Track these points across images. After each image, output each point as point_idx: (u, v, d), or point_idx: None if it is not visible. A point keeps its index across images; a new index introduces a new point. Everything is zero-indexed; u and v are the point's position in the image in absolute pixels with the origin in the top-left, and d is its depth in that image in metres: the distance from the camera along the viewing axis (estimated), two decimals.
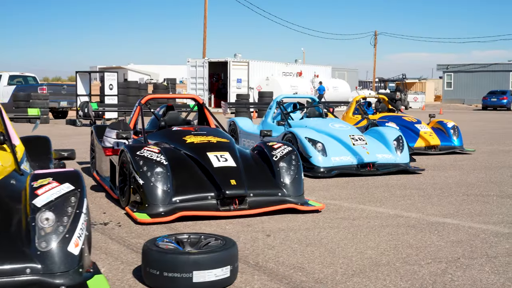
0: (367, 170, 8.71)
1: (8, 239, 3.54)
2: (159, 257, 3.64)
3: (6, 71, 23.82)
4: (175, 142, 6.63)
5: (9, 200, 3.93)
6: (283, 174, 6.22)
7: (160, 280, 3.62)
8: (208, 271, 3.59)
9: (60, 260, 3.48)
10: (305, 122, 9.99)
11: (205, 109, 8.08)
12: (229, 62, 29.29)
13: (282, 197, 6.07)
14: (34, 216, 3.59)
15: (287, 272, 4.05)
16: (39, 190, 3.74)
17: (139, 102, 7.87)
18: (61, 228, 3.58)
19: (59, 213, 3.63)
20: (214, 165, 6.01)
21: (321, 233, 5.17)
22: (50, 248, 3.49)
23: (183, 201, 5.70)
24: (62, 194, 3.72)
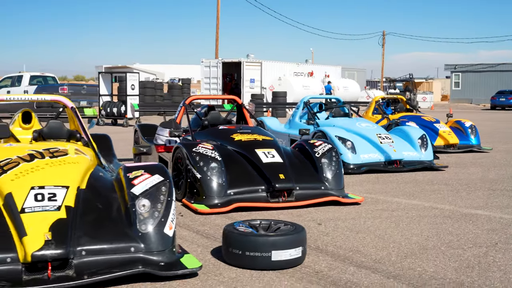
0: (394, 167, 9.22)
1: (112, 223, 4.09)
2: (241, 238, 4.17)
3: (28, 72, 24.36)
4: (223, 140, 7.16)
5: (104, 189, 4.48)
6: (325, 169, 6.74)
7: (242, 259, 4.15)
8: (284, 251, 4.13)
9: (157, 241, 4.02)
10: (333, 121, 10.52)
11: (243, 109, 8.62)
12: (242, 62, 29.82)
13: (325, 191, 6.59)
14: (133, 203, 4.14)
15: (346, 254, 4.58)
16: (135, 180, 4.29)
17: (184, 102, 8.41)
18: (156, 213, 4.12)
19: (153, 200, 4.17)
20: (263, 161, 6.54)
21: (366, 222, 5.70)
22: (149, 231, 4.03)
23: (236, 194, 6.23)
24: (155, 184, 4.27)
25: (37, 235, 3.67)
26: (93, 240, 3.88)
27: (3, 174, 4.25)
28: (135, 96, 19.58)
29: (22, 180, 4.15)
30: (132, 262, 3.89)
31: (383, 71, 56.87)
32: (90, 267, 3.77)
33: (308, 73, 34.16)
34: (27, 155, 4.54)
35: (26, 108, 5.98)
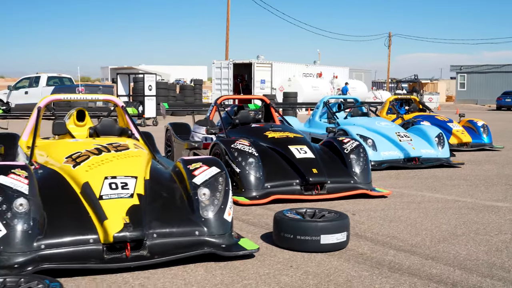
0: (412, 164, 9.65)
1: (177, 209, 4.54)
2: (292, 224, 4.62)
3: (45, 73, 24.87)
4: (256, 137, 7.61)
5: (165, 180, 4.93)
6: (354, 165, 7.18)
7: (293, 242, 4.59)
8: (332, 235, 4.57)
9: (218, 225, 4.48)
10: (353, 120, 10.96)
11: (271, 108, 9.07)
12: (253, 63, 30.27)
13: (354, 184, 7.04)
14: (195, 191, 4.59)
15: (384, 239, 5.03)
16: (195, 171, 4.74)
17: (215, 102, 8.86)
18: (216, 201, 4.57)
19: (213, 189, 4.62)
20: (296, 156, 6.99)
21: (396, 213, 6.14)
22: (210, 216, 4.48)
23: (273, 187, 6.68)
24: (213, 175, 4.72)
25: (117, 219, 4.12)
26: (163, 224, 4.34)
27: (77, 166, 4.71)
28: (152, 97, 20.08)
29: (95, 171, 4.61)
30: (197, 244, 4.34)
31: (389, 72, 57.28)
32: (161, 248, 4.22)
33: (317, 74, 34.60)
34: (95, 149, 5.00)
35: (80, 107, 6.43)
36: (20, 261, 3.89)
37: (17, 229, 3.97)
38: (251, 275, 4.02)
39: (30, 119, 6.25)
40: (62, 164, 4.84)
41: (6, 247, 3.92)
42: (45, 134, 6.78)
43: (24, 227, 3.99)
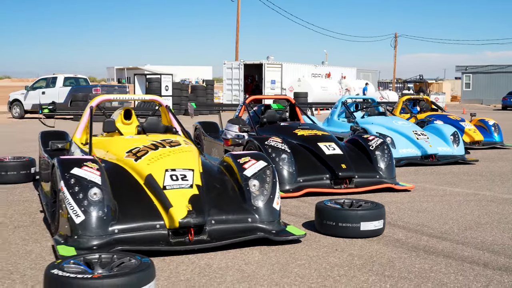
0: (429, 161, 10.11)
1: (230, 199, 5.01)
2: (335, 212, 5.09)
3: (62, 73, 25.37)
4: (286, 135, 8.08)
5: (215, 173, 5.40)
6: (379, 160, 7.64)
7: (335, 229, 5.06)
8: (371, 222, 5.04)
9: (268, 213, 4.95)
10: (371, 119, 11.41)
11: (296, 108, 9.54)
12: (264, 64, 30.75)
13: (380, 179, 7.50)
14: (246, 183, 5.06)
15: (416, 227, 5.49)
16: (245, 165, 5.21)
17: (244, 101, 9.34)
18: (265, 191, 5.04)
19: (262, 181, 5.10)
20: (326, 153, 7.46)
21: (422, 205, 6.60)
22: (260, 205, 4.95)
23: (305, 181, 7.14)
24: (261, 168, 5.19)
25: (181, 206, 4.59)
26: (219, 212, 4.81)
27: (139, 160, 5.19)
28: (168, 97, 20.58)
29: (156, 164, 5.08)
30: (250, 230, 4.82)
31: (395, 73, 57.67)
32: (219, 233, 4.69)
33: (325, 74, 35.06)
34: (151, 145, 5.48)
35: (127, 106, 6.91)
36: (97, 244, 4.36)
37: (94, 215, 4.45)
38: (302, 257, 4.49)
39: (82, 118, 6.73)
40: (124, 158, 5.32)
41: (85, 231, 4.40)
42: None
43: (99, 213, 4.47)
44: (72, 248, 4.31)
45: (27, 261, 4.29)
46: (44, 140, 7.20)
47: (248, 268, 4.19)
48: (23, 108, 25.31)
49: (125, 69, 41.66)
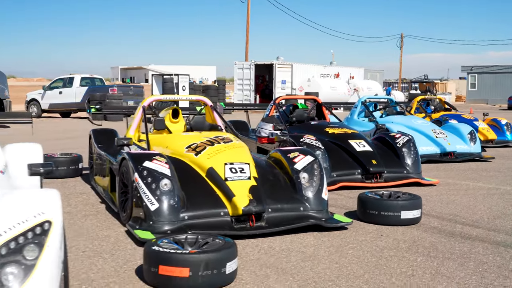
0: (448, 158, 10.61)
1: (283, 190, 5.53)
2: (377, 202, 5.60)
3: (78, 74, 25.92)
4: (317, 133, 8.59)
5: (265, 166, 5.92)
6: (405, 157, 8.15)
7: (377, 218, 5.57)
8: (410, 211, 5.55)
9: (317, 203, 5.46)
10: (391, 118, 11.92)
11: (323, 107, 10.06)
12: (274, 64, 31.29)
13: (407, 174, 8.00)
14: (297, 175, 5.58)
15: (448, 217, 6.00)
16: (295, 159, 5.73)
17: (274, 101, 9.86)
18: (314, 183, 5.56)
19: (310, 174, 5.61)
20: (356, 149, 7.97)
21: (449, 198, 7.11)
22: (310, 196, 5.47)
23: (339, 176, 7.65)
24: (310, 162, 5.71)
25: (242, 196, 5.11)
26: (275, 202, 5.32)
27: (199, 154, 5.71)
28: None
29: (215, 158, 5.60)
30: (302, 218, 5.33)
31: (401, 73, 58.15)
32: (275, 220, 5.21)
33: (334, 74, 35.58)
34: (207, 141, 5.99)
35: (175, 106, 7.43)
36: (170, 229, 4.88)
37: (166, 203, 4.97)
38: (352, 241, 5.00)
39: (135, 117, 7.24)
40: (184, 153, 5.84)
41: (159, 217, 4.92)
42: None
43: (170, 202, 4.98)
44: (149, 232, 4.82)
45: (109, 244, 4.81)
46: (96, 137, 7.72)
47: (308, 250, 4.70)
48: (40, 108, 25.89)
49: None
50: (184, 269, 3.63)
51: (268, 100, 31.12)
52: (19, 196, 3.21)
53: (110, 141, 7.61)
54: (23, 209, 3.02)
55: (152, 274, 3.74)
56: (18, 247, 2.85)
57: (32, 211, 3.01)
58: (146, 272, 3.81)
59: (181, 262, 3.64)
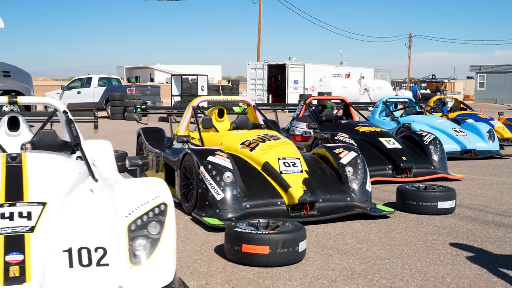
0: (468, 155, 11.15)
1: (331, 182, 6.10)
2: (416, 193, 6.16)
3: (96, 74, 26.54)
4: (349, 131, 9.15)
5: (311, 160, 6.48)
6: (432, 153, 8.70)
7: (416, 208, 6.13)
8: (445, 202, 6.11)
9: (362, 194, 6.03)
10: (412, 118, 12.46)
11: (350, 107, 10.62)
12: (287, 65, 31.84)
13: (433, 170, 8.55)
14: (343, 169, 6.15)
15: (479, 207, 6.55)
16: (340, 155, 6.30)
17: (304, 101, 10.44)
18: (358, 176, 6.12)
19: (355, 168, 6.18)
20: (387, 146, 8.53)
21: (477, 191, 7.66)
22: (355, 188, 6.04)
23: (371, 171, 8.16)
24: (353, 157, 6.28)
25: (297, 187, 5.68)
26: (325, 192, 5.89)
27: (254, 150, 6.28)
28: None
29: (269, 153, 6.17)
30: (349, 207, 5.90)
31: (409, 72, 58.64)
32: (325, 209, 5.78)
33: (345, 74, 36.09)
34: (258, 138, 6.56)
35: (220, 106, 8.02)
36: (234, 216, 5.45)
37: (230, 193, 5.54)
38: (397, 227, 5.57)
39: (185, 116, 7.82)
40: (239, 149, 6.42)
41: (224, 206, 5.49)
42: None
43: (234, 192, 5.56)
44: (216, 219, 5.40)
45: (180, 230, 5.38)
46: (146, 135, 8.29)
47: (359, 235, 5.28)
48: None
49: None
50: (265, 247, 4.21)
51: (281, 100, 31.70)
52: (137, 183, 3.81)
53: (160, 138, 8.20)
54: (142, 193, 3.61)
55: (235, 252, 4.32)
56: (143, 224, 3.43)
57: (150, 195, 3.60)
58: (229, 251, 4.38)
59: (262, 241, 4.21)
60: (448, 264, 4.41)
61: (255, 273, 4.14)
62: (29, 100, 5.87)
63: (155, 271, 3.32)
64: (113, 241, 3.35)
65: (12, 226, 3.23)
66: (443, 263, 4.44)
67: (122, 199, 3.57)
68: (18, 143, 5.20)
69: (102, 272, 3.22)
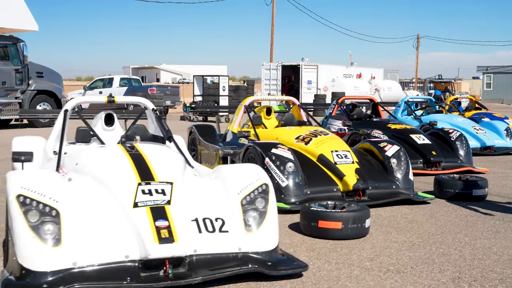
0: (487, 152, 11.93)
1: (377, 172, 6.89)
2: (453, 183, 6.95)
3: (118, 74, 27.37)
4: (381, 128, 9.95)
5: (357, 154, 7.27)
6: (459, 149, 9.49)
7: (453, 195, 6.91)
8: (480, 190, 6.89)
9: (406, 182, 6.81)
10: (433, 116, 13.24)
11: (378, 106, 11.42)
12: (301, 65, 32.65)
13: (460, 164, 9.34)
14: (388, 161, 6.94)
15: (508, 195, 7.33)
16: (385, 148, 7.09)
17: (337, 101, 11.24)
18: (402, 167, 6.91)
19: (398, 159, 6.96)
20: (418, 142, 9.32)
21: (502, 182, 8.43)
22: (400, 177, 6.82)
23: None
24: (397, 150, 7.07)
25: (351, 176, 6.47)
26: (373, 181, 6.68)
27: (308, 144, 7.09)
28: (225, 96, 22.55)
29: (323, 146, 6.97)
30: (395, 193, 6.70)
31: (417, 73, 59.36)
32: (375, 196, 6.56)
33: (356, 75, 36.87)
34: (310, 134, 7.36)
35: (268, 105, 8.82)
36: (296, 201, 6.24)
37: (292, 181, 6.33)
38: (439, 211, 6.35)
39: (237, 114, 8.62)
40: (295, 143, 7.22)
41: (288, 192, 6.29)
42: None
43: (296, 180, 6.35)
44: (281, 203, 6.19)
45: None
46: (199, 132, 9.09)
47: (408, 216, 6.07)
48: (80, 107, 27.34)
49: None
50: (338, 223, 5.00)
51: None
52: (240, 168, 4.63)
53: (212, 134, 9.01)
54: (247, 176, 4.42)
55: (311, 228, 5.11)
56: (252, 200, 4.23)
57: (253, 177, 4.40)
58: (306, 227, 5.18)
59: (336, 218, 5.01)
60: (491, 238, 5.19)
61: (331, 244, 4.93)
62: (124, 100, 6.68)
63: (264, 237, 4.12)
64: (229, 213, 4.16)
65: (153, 199, 4.04)
66: (487, 237, 5.23)
67: (232, 180, 4.38)
68: (113, 137, 6.02)
69: (224, 237, 4.02)
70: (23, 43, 18.29)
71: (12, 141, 6.37)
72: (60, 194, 3.89)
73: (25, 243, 3.63)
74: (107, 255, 3.71)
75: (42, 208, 3.76)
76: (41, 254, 3.61)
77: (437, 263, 4.45)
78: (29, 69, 18.50)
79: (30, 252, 3.61)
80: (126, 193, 4.06)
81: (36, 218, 3.71)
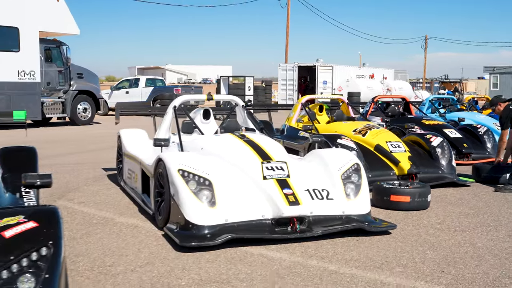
0: None
1: (425, 160, 8.06)
2: (490, 168, 8.11)
3: (144, 76, 28.54)
4: (417, 124, 11.07)
5: (408, 144, 8.44)
6: (486, 142, 10.66)
7: (490, 179, 8.07)
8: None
9: (449, 168, 7.99)
10: (457, 114, 14.40)
11: (410, 105, 12.61)
12: (317, 66, 33.81)
13: (488, 155, 10.51)
14: (434, 150, 8.10)
15: None
16: (431, 139, 8.27)
17: (373, 99, 12.41)
18: (446, 155, 8.08)
19: (442, 149, 8.14)
20: (451, 136, 10.48)
21: None
22: (445, 164, 7.99)
23: None
24: (441, 141, 8.24)
25: (405, 162, 7.66)
26: (423, 167, 7.86)
27: (365, 135, 8.28)
28: (250, 96, 23.75)
29: (378, 138, 8.16)
30: (441, 178, 7.87)
31: (425, 73, 60.45)
32: (425, 179, 7.73)
33: (369, 75, 38.03)
34: (365, 127, 8.54)
35: (321, 103, 10.00)
36: None
37: None
38: (479, 192, 7.52)
39: (295, 111, 9.80)
40: (353, 135, 8.40)
41: None
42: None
43: None
44: None
45: None
46: None
47: (457, 195, 7.25)
48: (107, 106, 28.52)
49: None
50: (407, 197, 6.19)
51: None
52: (335, 151, 5.81)
53: (269, 130, 10.19)
54: (341, 157, 5.62)
55: (385, 201, 6.30)
56: (348, 175, 5.43)
57: (346, 158, 5.59)
58: (379, 201, 6.36)
59: (405, 193, 6.20)
60: None
61: (402, 214, 6.12)
62: (219, 97, 7.87)
63: (361, 204, 5.31)
64: (331, 185, 5.35)
65: (277, 174, 5.23)
66: None
67: (331, 160, 5.57)
68: (210, 129, 7.21)
69: (331, 203, 5.22)
70: (66, 46, 19.49)
71: (120, 133, 7.59)
72: (208, 169, 5.08)
73: (190, 204, 4.82)
74: (248, 214, 4.90)
75: (198, 179, 4.95)
76: (202, 212, 4.80)
77: (492, 226, 5.63)
78: (70, 71, 19.70)
79: (194, 211, 4.80)
80: (254, 169, 5.25)
81: (195, 186, 4.90)
